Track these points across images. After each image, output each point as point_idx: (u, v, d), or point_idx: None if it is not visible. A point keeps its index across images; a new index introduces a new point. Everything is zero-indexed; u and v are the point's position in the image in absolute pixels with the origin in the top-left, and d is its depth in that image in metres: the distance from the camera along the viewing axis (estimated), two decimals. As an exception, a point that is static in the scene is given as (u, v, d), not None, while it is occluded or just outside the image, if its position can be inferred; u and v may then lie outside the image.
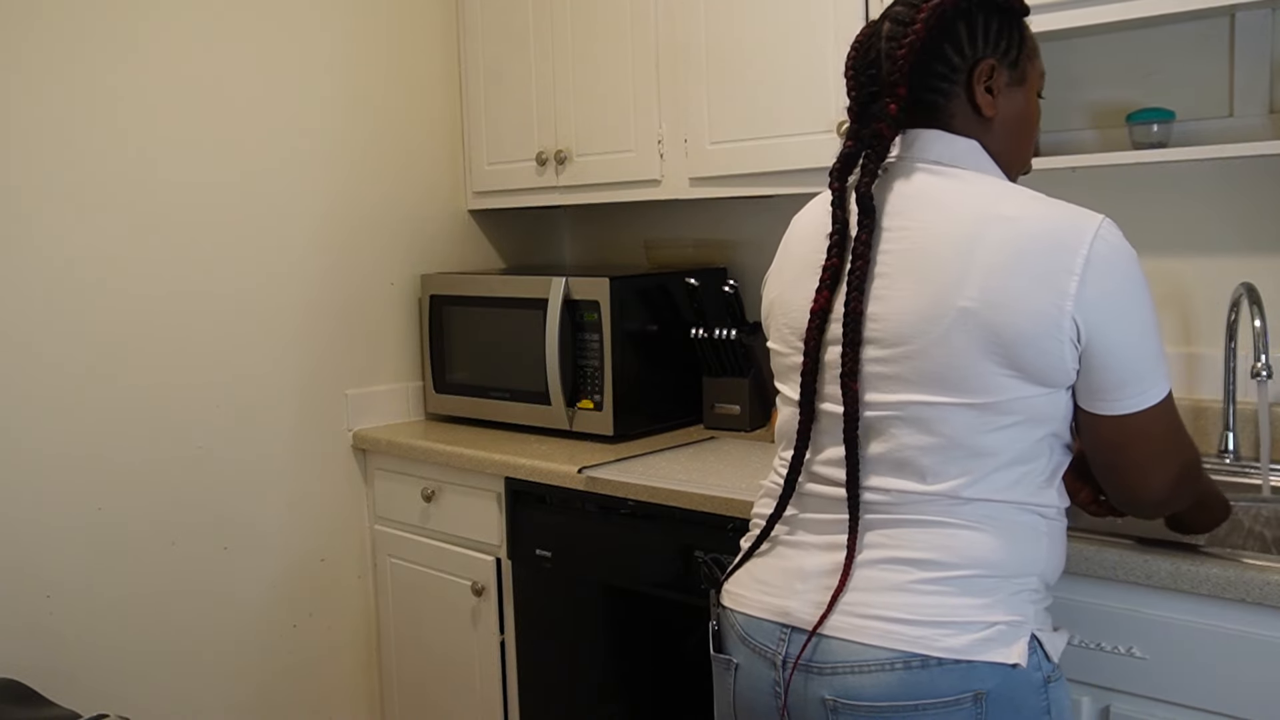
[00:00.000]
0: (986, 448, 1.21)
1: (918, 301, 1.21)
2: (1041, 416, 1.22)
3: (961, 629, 1.20)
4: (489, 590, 2.37)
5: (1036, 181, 2.15)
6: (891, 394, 1.24)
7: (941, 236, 1.21)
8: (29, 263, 2.15)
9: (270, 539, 2.52)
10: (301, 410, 2.56)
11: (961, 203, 1.23)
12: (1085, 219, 1.20)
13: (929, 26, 1.24)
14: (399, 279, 2.72)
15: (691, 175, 2.34)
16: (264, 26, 2.45)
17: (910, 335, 1.22)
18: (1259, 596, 1.36)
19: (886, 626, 1.21)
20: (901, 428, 1.24)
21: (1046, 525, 1.26)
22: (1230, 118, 1.93)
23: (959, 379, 1.20)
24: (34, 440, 2.17)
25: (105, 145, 2.23)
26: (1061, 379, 1.21)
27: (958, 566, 1.22)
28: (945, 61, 1.27)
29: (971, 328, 1.18)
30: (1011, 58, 1.30)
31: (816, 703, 1.24)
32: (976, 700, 1.19)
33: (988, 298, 1.17)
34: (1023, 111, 1.33)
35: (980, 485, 1.22)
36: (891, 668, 1.20)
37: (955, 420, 1.21)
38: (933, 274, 1.21)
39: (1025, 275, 1.17)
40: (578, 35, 2.51)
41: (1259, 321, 1.77)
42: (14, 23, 2.10)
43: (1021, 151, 1.36)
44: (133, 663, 2.31)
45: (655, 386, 2.43)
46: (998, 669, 1.19)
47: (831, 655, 1.23)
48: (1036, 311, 1.17)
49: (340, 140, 2.59)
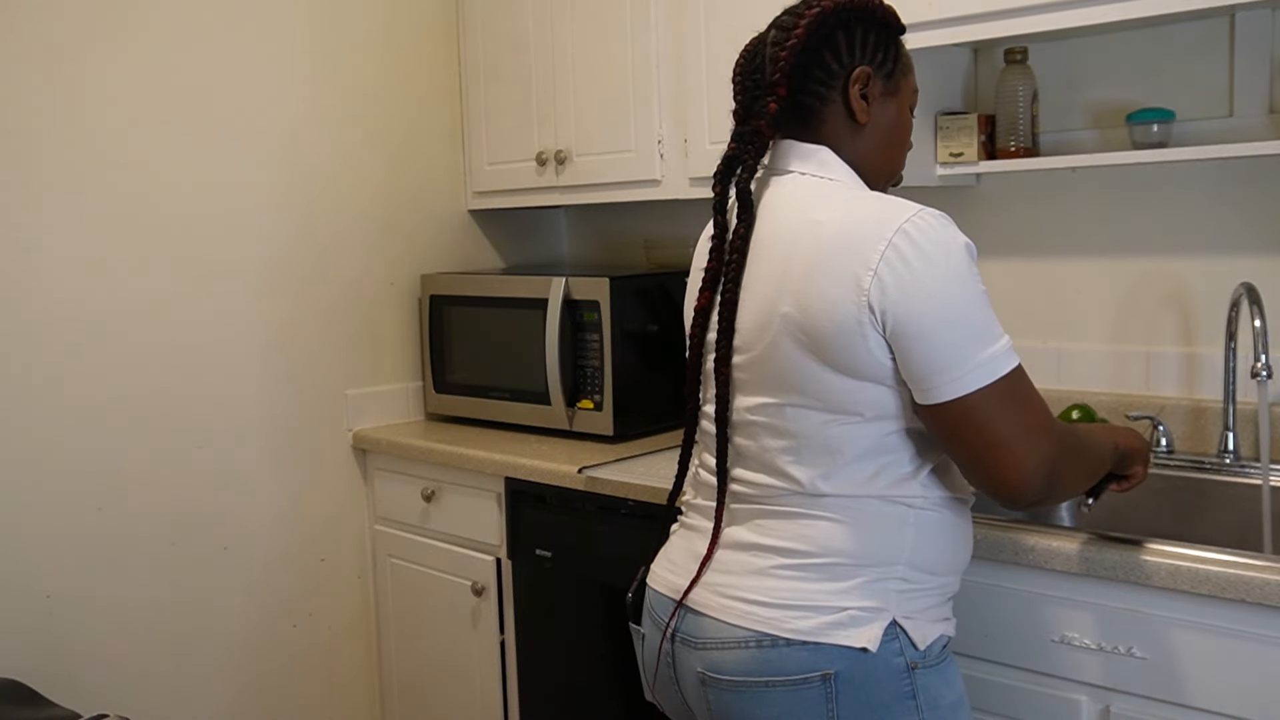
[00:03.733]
0: (835, 444, 1.27)
1: (754, 309, 1.30)
2: (882, 412, 1.26)
3: (813, 612, 1.27)
4: (489, 590, 2.37)
5: (1037, 181, 2.16)
6: (748, 397, 1.32)
7: (769, 245, 1.30)
8: (28, 262, 2.15)
9: (270, 539, 2.52)
10: (301, 410, 2.56)
11: (788, 211, 1.31)
12: (893, 215, 1.23)
13: (810, 32, 1.31)
14: (399, 279, 2.72)
15: (691, 175, 2.34)
16: (263, 26, 2.45)
17: (752, 342, 1.30)
18: (1259, 596, 1.36)
19: (745, 607, 1.30)
20: (759, 428, 1.32)
21: (914, 516, 1.30)
22: (1230, 118, 1.93)
23: (795, 381, 1.27)
24: (34, 440, 2.17)
25: (106, 145, 2.24)
26: (877, 373, 1.24)
27: (815, 555, 1.28)
28: (824, 67, 1.33)
29: (794, 332, 1.26)
30: (886, 70, 1.37)
31: (693, 674, 1.34)
32: (825, 680, 1.25)
33: (800, 302, 1.25)
34: (894, 122, 1.39)
35: (835, 480, 1.28)
36: (746, 645, 1.29)
37: (801, 420, 1.28)
38: (763, 283, 1.29)
39: (828, 277, 1.23)
40: (578, 35, 2.51)
41: (1259, 321, 1.77)
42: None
43: (890, 161, 1.41)
44: (133, 663, 2.31)
45: (655, 386, 2.43)
46: (847, 652, 1.26)
47: (703, 631, 1.33)
48: (838, 310, 1.22)
49: (341, 140, 2.59)
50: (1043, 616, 1.56)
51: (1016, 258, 2.21)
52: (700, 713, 1.37)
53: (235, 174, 2.43)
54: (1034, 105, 2.06)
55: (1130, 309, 2.09)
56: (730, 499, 1.37)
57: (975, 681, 1.57)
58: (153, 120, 2.30)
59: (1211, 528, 1.85)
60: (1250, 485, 1.84)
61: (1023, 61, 2.05)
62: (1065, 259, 2.15)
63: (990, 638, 1.60)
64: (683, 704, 1.40)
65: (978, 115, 2.07)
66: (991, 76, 2.14)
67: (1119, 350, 2.09)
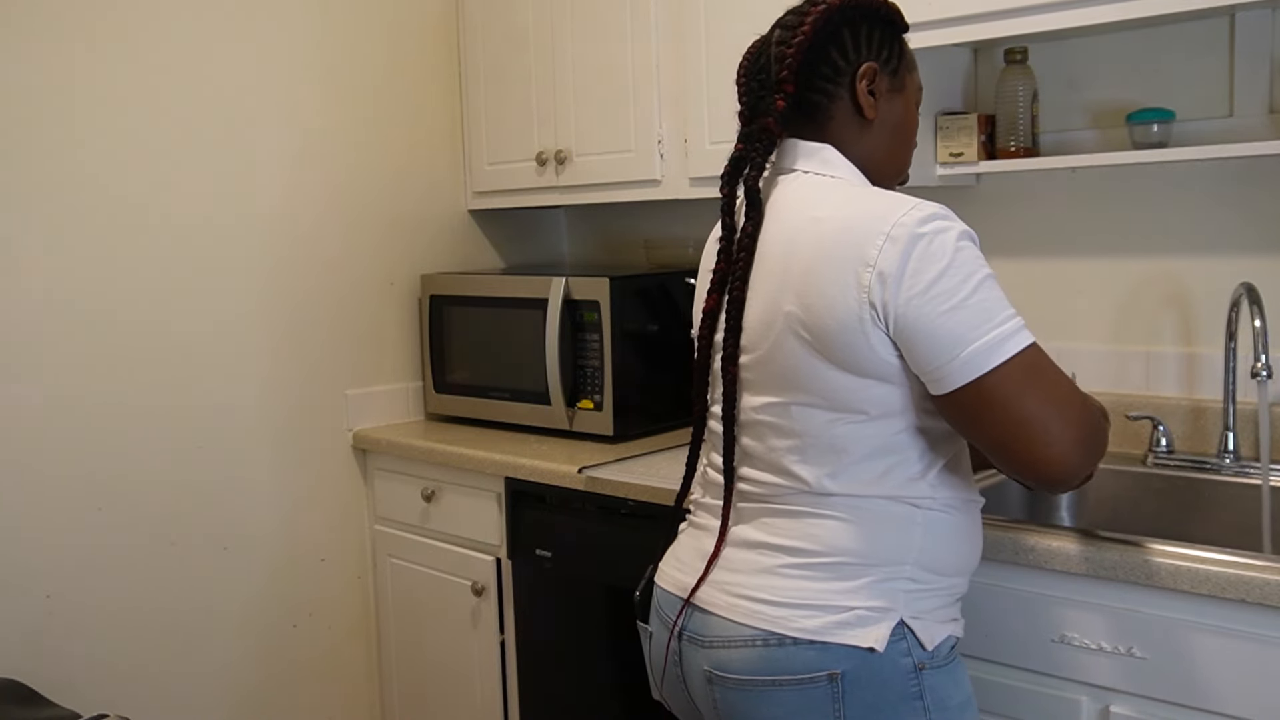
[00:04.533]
0: (841, 443, 1.27)
1: (759, 309, 1.30)
2: (887, 410, 1.26)
3: (820, 611, 1.26)
4: (489, 590, 2.37)
5: (1037, 181, 2.16)
6: (755, 397, 1.32)
7: (773, 244, 1.30)
8: (28, 260, 2.15)
9: (270, 539, 2.52)
10: (301, 410, 2.56)
11: (791, 209, 1.31)
12: (891, 210, 1.22)
13: (815, 29, 1.32)
14: (399, 279, 2.72)
15: (691, 175, 2.34)
16: (262, 26, 2.45)
17: (757, 342, 1.30)
18: (1259, 596, 1.36)
19: (753, 606, 1.29)
20: (765, 428, 1.32)
21: (923, 516, 1.29)
22: (1230, 118, 1.93)
23: (800, 380, 1.27)
24: (34, 440, 2.17)
25: (108, 146, 2.24)
26: (880, 370, 1.24)
27: (822, 554, 1.28)
28: (830, 64, 1.33)
29: (797, 330, 1.26)
30: (892, 66, 1.37)
31: (700, 672, 1.34)
32: (831, 680, 1.25)
33: (803, 301, 1.25)
34: (901, 119, 1.39)
35: (842, 479, 1.28)
36: (753, 644, 1.28)
37: (807, 419, 1.28)
38: (766, 282, 1.30)
39: (828, 274, 1.23)
40: (578, 35, 2.51)
41: (1259, 321, 1.77)
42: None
43: (896, 158, 1.41)
44: (133, 662, 2.31)
45: (655, 386, 2.43)
46: (854, 652, 1.25)
47: (710, 630, 1.33)
48: (840, 307, 1.22)
49: (340, 140, 2.59)
50: (1043, 616, 1.56)
51: (1016, 258, 2.21)
52: (707, 711, 1.37)
53: (236, 174, 2.42)
54: (1034, 105, 2.06)
55: (1130, 309, 2.09)
56: (738, 498, 1.37)
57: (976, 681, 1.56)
58: (153, 121, 2.30)
59: (1211, 528, 1.85)
60: (1250, 485, 1.84)
61: (1023, 61, 2.06)
62: (1065, 259, 2.15)
63: (991, 638, 1.60)
64: (690, 703, 1.40)
65: (978, 115, 2.07)
66: (991, 76, 2.14)
67: (1119, 350, 2.09)
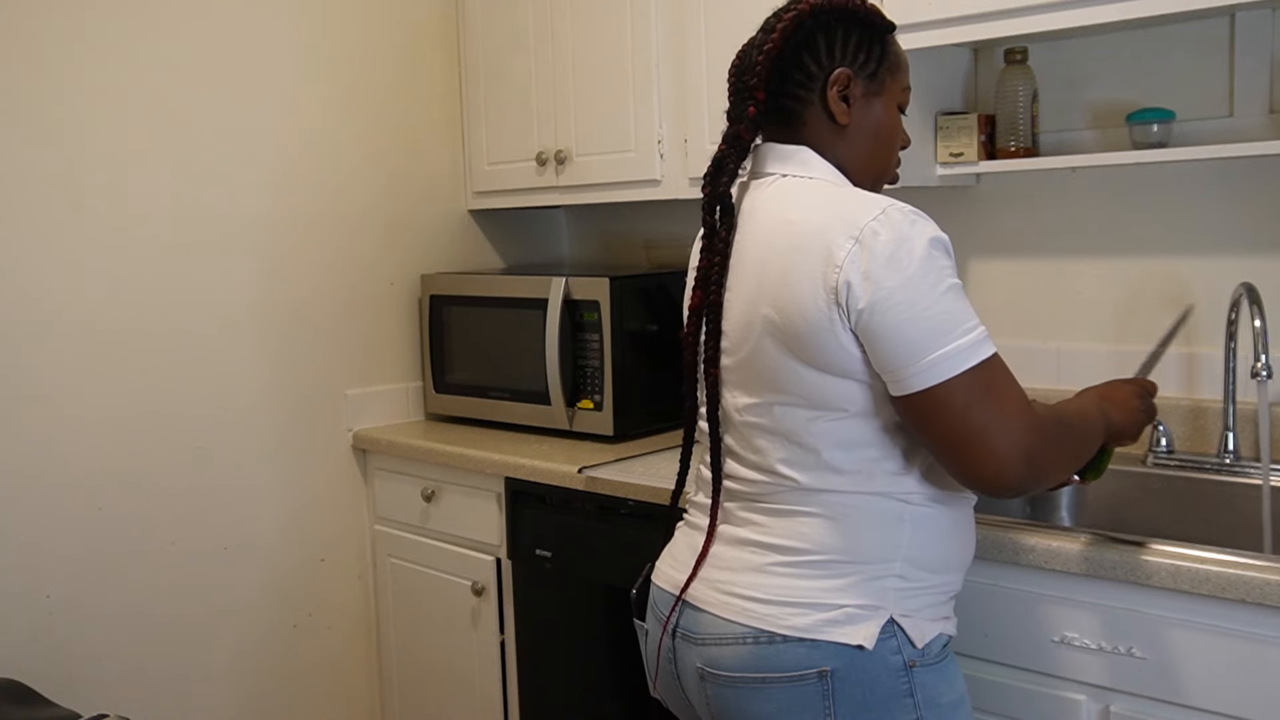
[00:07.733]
0: (824, 440, 1.28)
1: (739, 311, 1.32)
2: (864, 407, 1.27)
3: (809, 609, 1.27)
4: (489, 590, 2.37)
5: (1037, 181, 2.16)
6: (739, 397, 1.34)
7: (750, 248, 1.32)
8: (28, 261, 2.15)
9: (270, 539, 2.52)
10: (301, 410, 2.56)
11: (766, 213, 1.32)
12: (860, 212, 1.23)
13: (785, 36, 1.32)
14: (399, 279, 2.72)
15: (691, 175, 2.34)
16: (262, 26, 2.45)
17: (738, 344, 1.32)
18: (1259, 596, 1.36)
19: (743, 604, 1.30)
20: (751, 427, 1.33)
21: (910, 512, 1.30)
22: (1230, 118, 1.93)
23: (779, 381, 1.29)
24: (34, 440, 2.17)
25: (107, 145, 2.24)
26: (852, 369, 1.25)
27: (810, 552, 1.29)
28: (803, 70, 1.34)
29: (773, 332, 1.27)
30: (870, 70, 1.36)
31: (693, 669, 1.35)
32: (821, 677, 1.26)
33: (777, 304, 1.26)
34: (880, 122, 1.38)
35: (826, 476, 1.29)
36: (743, 642, 1.29)
37: (789, 418, 1.29)
38: (745, 284, 1.31)
39: (798, 276, 1.24)
40: (578, 35, 2.51)
41: (1259, 321, 1.77)
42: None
43: (878, 161, 1.41)
44: (132, 662, 2.31)
45: (655, 386, 2.43)
46: (843, 649, 1.26)
47: (702, 627, 1.34)
48: (810, 309, 1.23)
49: (340, 140, 2.59)
50: (1043, 617, 1.56)
51: (1016, 258, 2.21)
52: (701, 709, 1.37)
53: (236, 174, 2.42)
54: (1034, 105, 2.06)
55: (1130, 309, 2.09)
56: (725, 496, 1.38)
57: (975, 681, 1.57)
58: (153, 120, 2.30)
59: (1211, 528, 1.85)
60: (1250, 485, 1.84)
61: (1023, 61, 2.06)
62: (1065, 259, 2.15)
63: (990, 638, 1.60)
64: (684, 700, 1.40)
65: (978, 115, 2.07)
66: (991, 76, 2.14)
67: (1119, 350, 2.09)
